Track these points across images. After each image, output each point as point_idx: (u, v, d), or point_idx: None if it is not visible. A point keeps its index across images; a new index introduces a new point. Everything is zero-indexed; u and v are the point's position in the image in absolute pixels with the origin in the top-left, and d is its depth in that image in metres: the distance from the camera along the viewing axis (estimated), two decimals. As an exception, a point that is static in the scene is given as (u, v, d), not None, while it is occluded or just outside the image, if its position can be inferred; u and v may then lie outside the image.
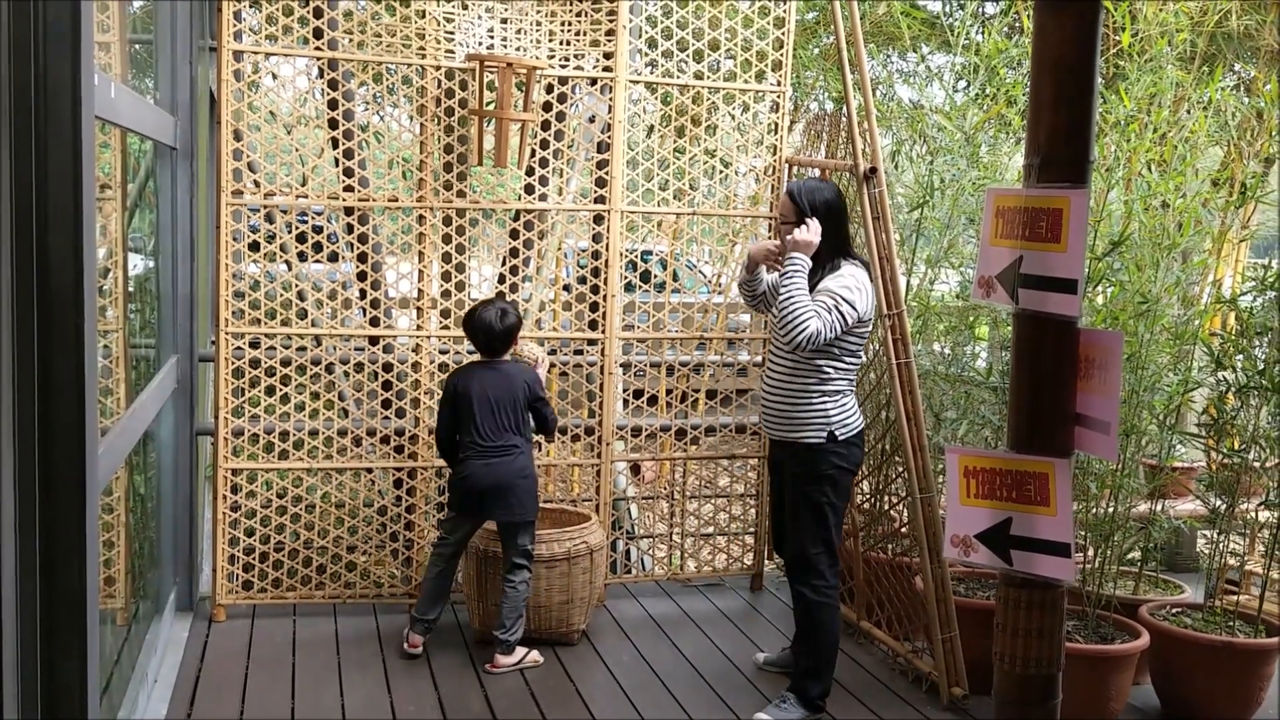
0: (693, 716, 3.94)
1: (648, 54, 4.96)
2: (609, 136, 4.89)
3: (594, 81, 4.92)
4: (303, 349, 4.72)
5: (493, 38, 4.71)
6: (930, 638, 4.16)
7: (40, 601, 2.09)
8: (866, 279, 3.81)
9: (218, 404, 4.54)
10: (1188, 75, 4.91)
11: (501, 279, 5.20)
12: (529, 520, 4.28)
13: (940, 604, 4.11)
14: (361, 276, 4.82)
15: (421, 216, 4.76)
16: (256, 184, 4.59)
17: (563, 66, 4.82)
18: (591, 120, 5.07)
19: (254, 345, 4.60)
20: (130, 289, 3.84)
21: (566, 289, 5.57)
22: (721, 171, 5.12)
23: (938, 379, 4.74)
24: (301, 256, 4.68)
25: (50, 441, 2.08)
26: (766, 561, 5.36)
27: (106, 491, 3.24)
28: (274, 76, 4.83)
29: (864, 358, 4.05)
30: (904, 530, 4.50)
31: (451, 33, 4.66)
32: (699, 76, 5.04)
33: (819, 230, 3.77)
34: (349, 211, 4.74)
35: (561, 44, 4.80)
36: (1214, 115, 4.68)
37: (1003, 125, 4.97)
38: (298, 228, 4.64)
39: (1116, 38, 4.48)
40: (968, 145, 4.79)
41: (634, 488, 6.04)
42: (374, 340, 4.80)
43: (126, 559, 3.71)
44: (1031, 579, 2.28)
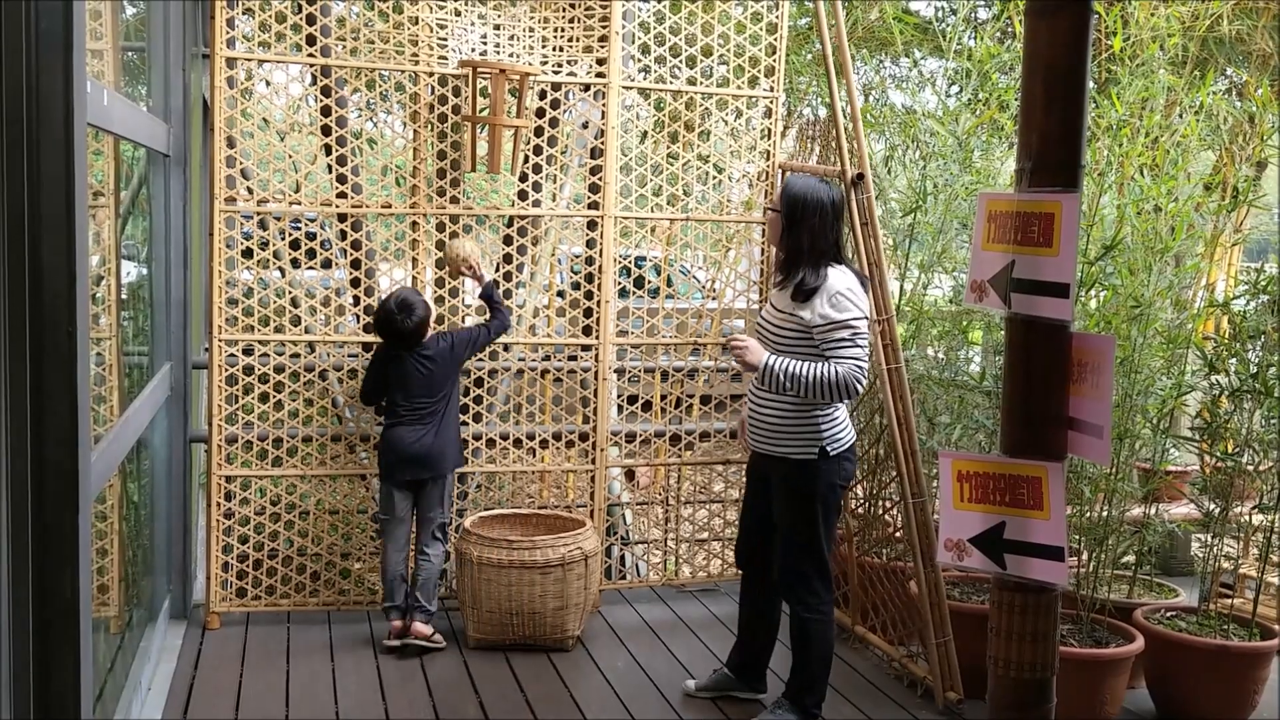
0: (688, 722, 3.94)
1: (641, 60, 4.97)
2: (602, 142, 4.89)
3: (587, 87, 4.92)
4: (296, 356, 4.72)
5: (486, 44, 4.72)
6: (925, 642, 4.16)
7: (33, 609, 2.08)
8: (856, 282, 3.68)
9: (211, 411, 4.53)
10: (1179, 80, 4.93)
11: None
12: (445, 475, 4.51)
13: (934, 608, 4.11)
14: (355, 283, 4.82)
15: (415, 223, 4.76)
16: (250, 191, 4.59)
17: (556, 72, 4.82)
18: (585, 126, 5.07)
19: (247, 352, 4.60)
20: (123, 296, 3.84)
21: (560, 295, 5.57)
22: (715, 177, 5.12)
23: (932, 383, 4.74)
24: (295, 263, 4.68)
25: (43, 448, 2.08)
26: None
27: (100, 499, 3.24)
28: (267, 83, 4.83)
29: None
30: (898, 535, 4.50)
31: (444, 39, 4.67)
32: (692, 82, 5.05)
33: (758, 348, 3.70)
34: (342, 218, 4.74)
35: (555, 50, 4.80)
36: (1206, 119, 4.69)
37: (995, 130, 4.98)
38: (291, 234, 4.64)
39: (1108, 42, 4.49)
40: (960, 150, 4.80)
41: (628, 493, 6.03)
42: (367, 347, 4.80)
43: (120, 566, 3.70)
44: (1025, 583, 2.28)
